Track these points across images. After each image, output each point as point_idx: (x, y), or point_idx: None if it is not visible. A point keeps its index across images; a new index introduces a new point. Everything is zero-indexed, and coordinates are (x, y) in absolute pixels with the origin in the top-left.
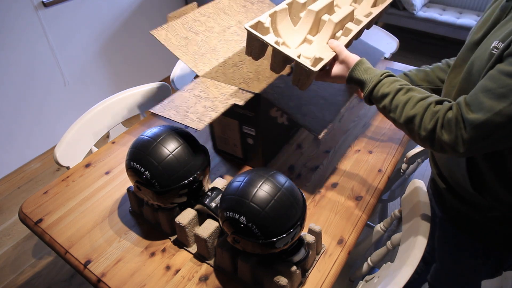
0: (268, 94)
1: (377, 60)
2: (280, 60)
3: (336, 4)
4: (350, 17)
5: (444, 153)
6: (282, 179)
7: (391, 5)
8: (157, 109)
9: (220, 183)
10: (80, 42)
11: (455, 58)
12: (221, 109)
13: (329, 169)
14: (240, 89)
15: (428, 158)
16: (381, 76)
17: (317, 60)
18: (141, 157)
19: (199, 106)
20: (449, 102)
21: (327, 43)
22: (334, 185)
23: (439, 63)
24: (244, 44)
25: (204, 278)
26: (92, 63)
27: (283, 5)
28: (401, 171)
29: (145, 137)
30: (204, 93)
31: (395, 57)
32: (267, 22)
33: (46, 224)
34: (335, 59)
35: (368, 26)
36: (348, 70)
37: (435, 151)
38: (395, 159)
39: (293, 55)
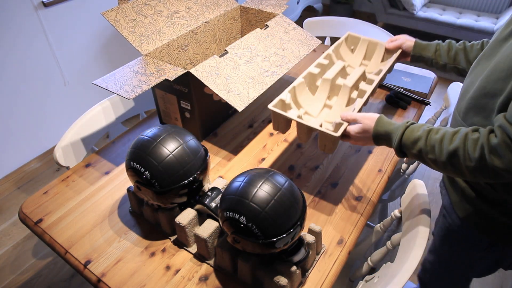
0: (198, 72)
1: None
2: (305, 130)
3: (348, 65)
4: (362, 77)
5: (500, 179)
6: (282, 179)
7: (390, 5)
8: (98, 81)
9: (220, 183)
10: (80, 42)
11: (477, 43)
12: (153, 83)
13: (329, 169)
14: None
15: None
16: (407, 123)
17: (338, 125)
18: (141, 157)
19: (135, 80)
20: (484, 128)
21: (346, 106)
22: (334, 185)
23: (462, 43)
24: (190, 28)
25: (204, 278)
26: (92, 63)
27: (300, 80)
28: (401, 171)
29: (145, 137)
30: (142, 70)
31: None
32: (287, 98)
33: (46, 224)
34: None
35: (380, 82)
36: (371, 128)
37: (490, 181)
38: (395, 159)
39: (316, 125)
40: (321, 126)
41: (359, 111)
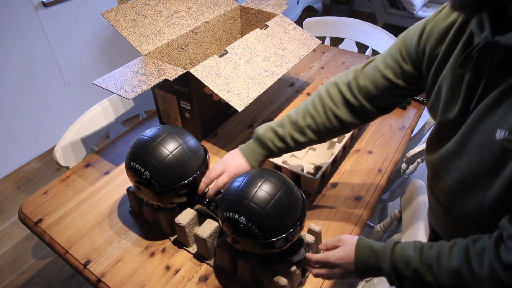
0: (197, 72)
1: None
2: (290, 173)
3: None
4: None
5: None
6: (282, 179)
7: (390, 5)
8: (98, 81)
9: None
10: (80, 42)
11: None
12: (153, 83)
13: (329, 169)
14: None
15: None
16: (391, 241)
17: (317, 168)
18: (141, 157)
19: (135, 80)
20: (487, 238)
21: (327, 149)
22: (334, 185)
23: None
24: (190, 28)
25: (204, 278)
26: (92, 63)
27: None
28: (401, 171)
29: (145, 137)
30: (142, 70)
31: None
32: None
33: (46, 224)
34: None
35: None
36: (352, 251)
37: None
38: (395, 159)
39: (298, 170)
40: (302, 170)
41: (338, 155)
